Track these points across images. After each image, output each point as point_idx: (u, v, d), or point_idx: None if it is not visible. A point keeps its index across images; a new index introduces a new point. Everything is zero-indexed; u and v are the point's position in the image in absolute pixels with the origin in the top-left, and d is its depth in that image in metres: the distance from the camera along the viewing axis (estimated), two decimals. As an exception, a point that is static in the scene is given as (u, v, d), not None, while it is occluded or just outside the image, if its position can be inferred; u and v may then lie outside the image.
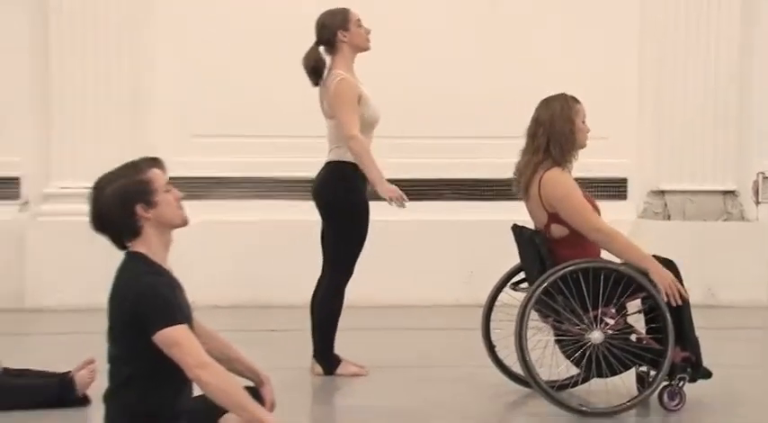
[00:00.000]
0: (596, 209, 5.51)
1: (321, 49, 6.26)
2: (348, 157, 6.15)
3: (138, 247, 4.11)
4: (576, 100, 5.56)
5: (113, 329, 4.08)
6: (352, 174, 6.15)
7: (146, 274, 4.05)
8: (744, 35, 9.15)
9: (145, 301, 3.98)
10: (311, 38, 6.32)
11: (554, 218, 5.43)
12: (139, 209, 4.09)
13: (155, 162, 4.21)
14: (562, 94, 5.59)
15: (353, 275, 6.25)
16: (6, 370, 5.49)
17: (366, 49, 6.30)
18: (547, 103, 5.56)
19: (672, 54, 9.05)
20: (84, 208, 4.03)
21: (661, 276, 5.27)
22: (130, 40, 8.75)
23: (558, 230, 5.42)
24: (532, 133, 5.53)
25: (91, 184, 4.34)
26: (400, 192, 6.04)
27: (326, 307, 6.22)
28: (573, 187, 5.45)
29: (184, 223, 4.20)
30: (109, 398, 4.13)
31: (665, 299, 5.24)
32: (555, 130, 5.46)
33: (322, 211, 6.28)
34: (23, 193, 8.89)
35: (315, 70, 6.25)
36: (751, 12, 9.15)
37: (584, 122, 5.55)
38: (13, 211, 8.86)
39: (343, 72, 6.17)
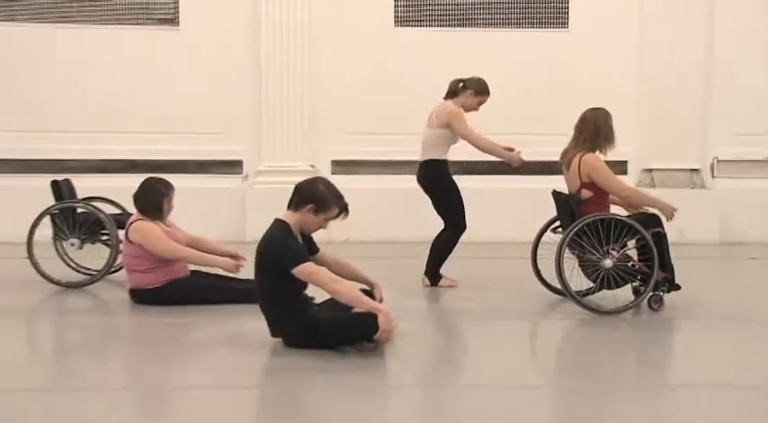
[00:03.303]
0: None
1: (460, 84, 6.14)
2: (435, 156, 6.04)
3: (288, 218, 4.26)
4: (610, 115, 5.40)
5: (260, 265, 4.24)
6: (441, 166, 6.08)
7: (286, 236, 4.22)
8: (706, 64, 8.94)
9: (286, 251, 4.17)
10: (430, 73, 6.46)
11: (584, 185, 5.34)
12: (309, 206, 4.24)
13: (345, 210, 4.31)
14: (602, 107, 5.39)
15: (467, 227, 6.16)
16: (224, 277, 5.48)
17: (467, 112, 6.11)
18: (593, 110, 5.38)
19: (660, 76, 8.92)
20: (282, 180, 4.14)
21: (666, 208, 5.30)
22: (309, 70, 8.85)
23: (585, 193, 5.34)
24: (579, 129, 5.38)
25: (286, 164, 4.17)
26: (519, 156, 5.94)
27: (443, 247, 6.15)
28: (605, 165, 5.33)
29: (307, 236, 4.35)
30: (262, 304, 4.34)
31: (670, 218, 5.29)
32: (599, 131, 5.31)
33: (428, 194, 6.18)
34: (244, 169, 9.04)
35: (452, 92, 6.15)
36: (713, 41, 8.93)
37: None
38: (237, 182, 9.01)
39: (455, 106, 6.07)
